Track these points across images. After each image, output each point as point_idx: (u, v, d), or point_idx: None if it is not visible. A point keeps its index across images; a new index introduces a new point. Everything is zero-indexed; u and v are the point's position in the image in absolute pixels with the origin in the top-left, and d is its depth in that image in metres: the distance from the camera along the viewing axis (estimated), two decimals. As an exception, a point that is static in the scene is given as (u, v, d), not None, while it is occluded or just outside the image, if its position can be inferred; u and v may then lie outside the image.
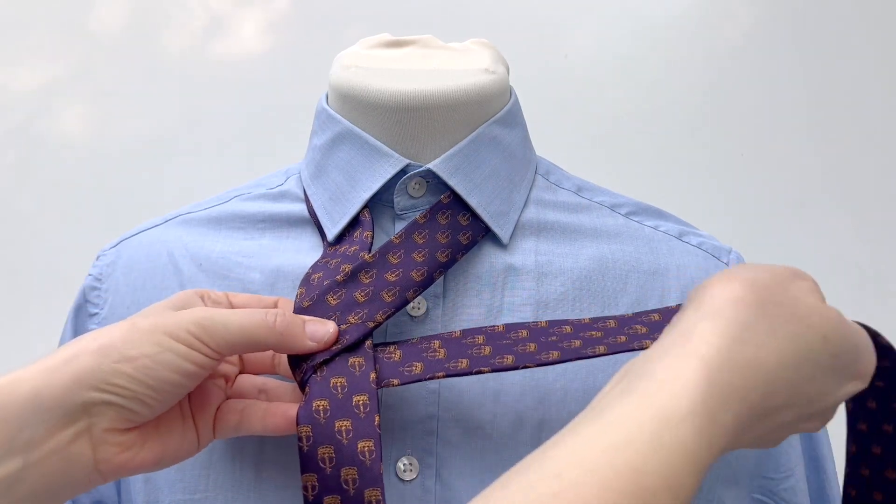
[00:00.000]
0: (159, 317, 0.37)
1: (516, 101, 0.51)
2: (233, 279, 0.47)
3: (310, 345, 0.39)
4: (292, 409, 0.39)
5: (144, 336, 0.35)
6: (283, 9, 1.01)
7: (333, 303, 0.42)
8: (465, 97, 0.46)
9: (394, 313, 0.42)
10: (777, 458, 0.48)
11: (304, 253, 0.47)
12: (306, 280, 0.43)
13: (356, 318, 0.41)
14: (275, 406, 0.40)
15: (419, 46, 0.51)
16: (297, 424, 0.37)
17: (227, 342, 0.37)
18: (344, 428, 0.37)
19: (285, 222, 0.49)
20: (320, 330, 0.40)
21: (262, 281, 0.47)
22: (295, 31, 1.00)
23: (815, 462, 0.52)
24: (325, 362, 0.39)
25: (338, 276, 0.42)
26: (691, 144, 0.93)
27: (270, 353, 0.43)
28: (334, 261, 0.44)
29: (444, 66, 0.48)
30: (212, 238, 0.50)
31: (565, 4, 0.96)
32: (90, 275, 0.52)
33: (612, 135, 0.94)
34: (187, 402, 0.40)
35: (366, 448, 0.37)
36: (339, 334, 0.40)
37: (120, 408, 0.35)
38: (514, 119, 0.50)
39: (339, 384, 0.39)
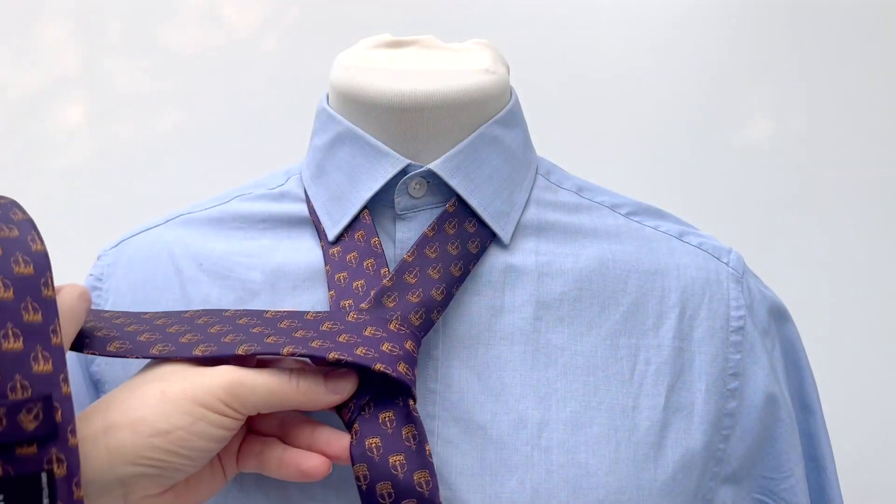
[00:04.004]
0: (186, 381, 0.37)
1: (517, 101, 0.51)
2: (233, 279, 0.47)
3: (332, 398, 0.39)
4: (306, 461, 0.39)
5: (176, 407, 0.36)
6: (284, 9, 1.01)
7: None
8: (466, 97, 0.46)
9: (424, 335, 0.42)
10: (777, 458, 0.48)
11: (304, 253, 0.47)
12: (336, 308, 0.43)
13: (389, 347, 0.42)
14: (290, 455, 0.40)
15: (419, 47, 0.51)
16: (353, 464, 0.38)
17: (255, 406, 0.37)
18: (398, 462, 0.38)
19: (286, 222, 0.49)
20: (341, 383, 0.40)
21: (263, 281, 0.47)
22: (296, 31, 1.00)
23: (815, 462, 0.52)
24: (378, 383, 0.40)
25: (363, 304, 0.42)
26: (691, 144, 0.93)
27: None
28: (357, 283, 0.44)
29: (445, 67, 0.48)
30: (212, 238, 0.50)
31: (565, 4, 0.96)
32: (91, 275, 0.52)
33: (612, 135, 0.94)
34: None
35: (422, 479, 0.38)
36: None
37: (156, 478, 0.35)
38: (514, 119, 0.50)
39: (387, 419, 0.39)
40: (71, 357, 0.51)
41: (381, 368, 0.38)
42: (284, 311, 0.42)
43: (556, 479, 0.42)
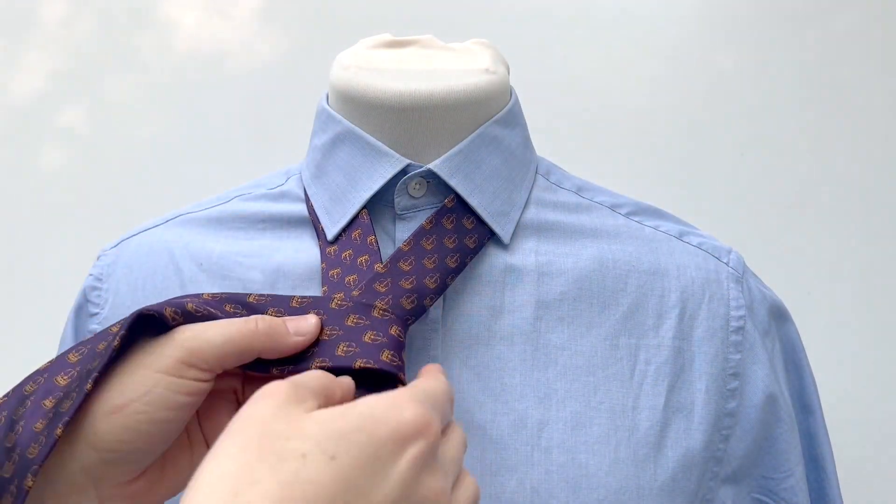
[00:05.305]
0: (141, 351, 0.35)
1: (517, 101, 0.51)
2: (233, 279, 0.47)
3: (296, 340, 0.38)
4: None
5: (131, 378, 0.34)
6: (284, 9, 1.01)
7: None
8: (466, 97, 0.46)
9: (414, 321, 0.42)
10: (777, 458, 0.48)
11: (304, 252, 0.47)
12: (327, 300, 0.43)
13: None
14: None
15: (420, 47, 0.51)
16: None
17: (217, 358, 0.35)
18: None
19: (286, 222, 0.49)
20: (303, 324, 0.39)
21: (263, 281, 0.47)
22: (295, 31, 1.00)
23: (815, 462, 0.52)
24: (362, 375, 0.39)
25: (354, 292, 0.42)
26: (691, 144, 0.93)
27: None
28: (350, 277, 0.44)
29: (445, 67, 0.48)
30: (212, 238, 0.50)
31: (565, 4, 0.96)
32: (91, 274, 0.52)
33: (613, 135, 0.94)
34: (198, 429, 0.39)
35: None
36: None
37: (121, 463, 0.34)
38: (514, 119, 0.50)
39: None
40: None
41: (362, 365, 0.38)
42: (269, 296, 0.41)
43: (556, 479, 0.42)
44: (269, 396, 0.30)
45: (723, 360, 0.47)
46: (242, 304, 0.40)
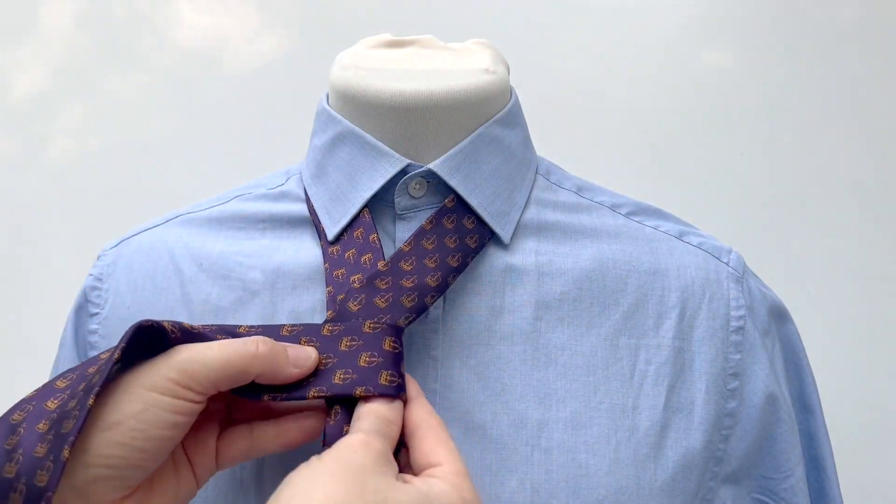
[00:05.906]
0: (139, 369, 0.35)
1: (517, 101, 0.51)
2: (233, 279, 0.47)
3: (293, 371, 0.38)
4: (306, 421, 0.39)
5: (127, 396, 0.34)
6: (284, 9, 1.01)
7: (355, 308, 0.42)
8: (466, 97, 0.46)
9: (415, 318, 0.42)
10: (777, 458, 0.48)
11: (304, 252, 0.47)
12: (331, 300, 0.43)
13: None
14: (284, 421, 0.39)
15: (419, 47, 0.51)
16: (325, 444, 0.37)
17: (212, 381, 0.35)
18: None
19: (286, 222, 0.49)
20: (302, 355, 0.38)
21: (263, 281, 0.47)
22: (295, 31, 1.00)
23: (815, 462, 0.52)
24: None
25: (354, 285, 0.42)
26: (690, 144, 0.93)
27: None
28: (355, 276, 0.44)
29: (445, 67, 0.48)
30: (212, 238, 0.50)
31: (565, 5, 0.96)
32: (91, 274, 0.52)
33: (613, 135, 0.94)
34: (181, 450, 0.39)
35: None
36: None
37: (113, 479, 0.33)
38: (514, 119, 0.50)
39: None
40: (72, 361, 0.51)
41: (361, 393, 0.38)
42: (259, 327, 0.41)
43: (556, 479, 0.42)
44: (365, 448, 0.34)
45: (723, 360, 0.47)
46: (233, 336, 0.40)
